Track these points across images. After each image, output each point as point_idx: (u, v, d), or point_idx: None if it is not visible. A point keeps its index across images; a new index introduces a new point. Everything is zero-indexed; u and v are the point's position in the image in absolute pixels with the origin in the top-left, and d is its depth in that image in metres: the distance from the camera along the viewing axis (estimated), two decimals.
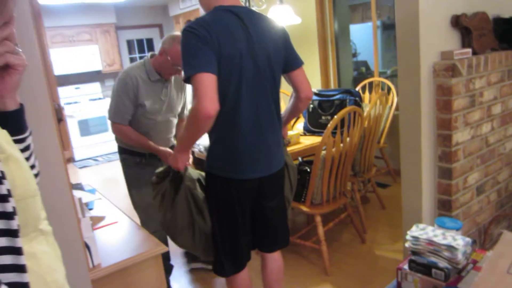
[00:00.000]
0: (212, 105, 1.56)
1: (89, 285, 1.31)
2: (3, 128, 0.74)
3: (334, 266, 2.83)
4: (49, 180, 1.20)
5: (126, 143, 2.48)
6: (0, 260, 0.62)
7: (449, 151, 2.11)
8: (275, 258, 2.08)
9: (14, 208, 0.64)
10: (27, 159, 0.87)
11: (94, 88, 7.80)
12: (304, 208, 2.71)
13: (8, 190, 0.63)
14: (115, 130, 2.40)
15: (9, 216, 0.63)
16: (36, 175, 0.89)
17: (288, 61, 1.87)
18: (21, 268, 0.64)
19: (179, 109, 2.61)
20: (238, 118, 1.73)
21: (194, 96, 1.58)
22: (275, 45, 1.79)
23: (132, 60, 8.51)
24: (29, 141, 0.89)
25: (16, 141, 0.84)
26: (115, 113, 2.35)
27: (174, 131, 2.64)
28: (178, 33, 2.32)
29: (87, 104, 7.24)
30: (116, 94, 2.34)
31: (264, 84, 1.77)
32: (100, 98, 7.61)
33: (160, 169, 1.94)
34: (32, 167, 0.87)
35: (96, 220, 1.89)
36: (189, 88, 2.64)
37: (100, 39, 7.53)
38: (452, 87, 2.01)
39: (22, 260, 0.64)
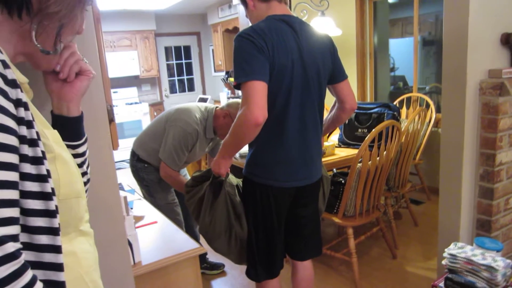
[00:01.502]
0: (261, 112, 1.57)
1: (132, 280, 1.35)
2: (60, 132, 0.77)
3: (363, 279, 2.80)
4: (102, 178, 1.25)
5: (147, 156, 2.61)
6: (43, 258, 0.63)
7: (492, 170, 2.06)
8: (306, 267, 2.07)
9: (56, 207, 0.65)
10: (80, 165, 0.89)
11: (131, 92, 7.99)
12: (336, 220, 2.70)
13: (52, 189, 0.65)
14: (164, 173, 2.52)
15: (51, 214, 0.64)
16: (85, 183, 0.89)
17: (334, 72, 1.88)
18: (58, 267, 0.65)
19: None
20: (284, 127, 1.75)
21: (243, 103, 1.59)
22: (323, 56, 1.81)
23: (169, 66, 8.68)
24: (83, 148, 0.91)
25: (71, 147, 0.87)
26: (172, 160, 2.49)
27: None
28: None
29: (123, 108, 7.42)
30: (177, 144, 2.46)
31: (312, 95, 1.78)
32: (136, 103, 7.79)
33: (197, 173, 1.96)
34: (84, 174, 0.88)
35: (136, 219, 1.94)
36: None
37: (140, 45, 7.73)
38: (498, 105, 1.97)
39: (60, 259, 0.65)
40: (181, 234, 1.81)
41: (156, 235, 1.83)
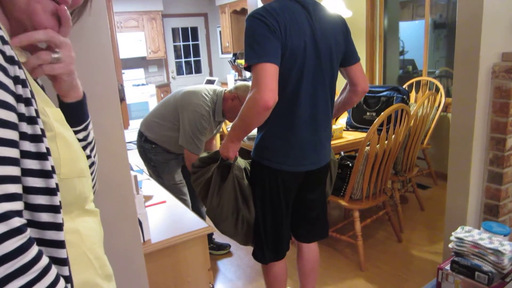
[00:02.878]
0: (272, 96, 1.54)
1: (142, 258, 1.37)
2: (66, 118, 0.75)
3: (368, 262, 2.82)
4: (113, 157, 1.26)
5: (155, 137, 2.63)
6: (44, 235, 0.63)
7: (502, 155, 2.05)
8: (312, 248, 2.09)
9: (57, 184, 0.65)
10: (84, 148, 0.87)
11: (138, 73, 7.99)
12: (343, 203, 2.71)
13: (52, 167, 0.64)
14: (189, 161, 2.53)
15: (52, 192, 0.64)
16: (90, 166, 0.88)
17: (347, 55, 1.85)
18: (60, 244, 0.65)
19: None
20: (296, 111, 1.73)
21: (253, 85, 1.57)
22: (336, 38, 1.78)
23: (176, 48, 8.64)
24: (84, 134, 0.89)
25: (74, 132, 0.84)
26: (195, 146, 2.52)
27: None
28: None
29: (130, 89, 7.43)
30: (195, 129, 2.49)
31: (324, 78, 1.76)
32: (143, 84, 7.80)
33: (205, 154, 1.96)
34: (87, 157, 0.87)
35: (145, 198, 1.95)
36: None
37: (146, 26, 7.70)
38: (511, 89, 1.95)
39: (61, 236, 0.65)
40: (189, 214, 1.83)
41: (165, 214, 1.85)
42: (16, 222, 0.55)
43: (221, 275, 2.82)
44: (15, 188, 0.56)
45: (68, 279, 0.65)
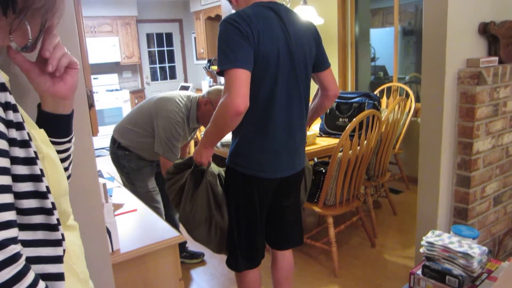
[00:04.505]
0: (243, 101, 1.54)
1: (110, 269, 1.33)
2: (50, 130, 0.78)
3: (343, 268, 2.83)
4: (81, 164, 1.22)
5: (129, 144, 2.59)
6: (41, 252, 0.65)
7: (469, 159, 2.10)
8: (286, 256, 2.08)
9: (53, 204, 0.67)
10: (63, 160, 0.89)
11: (112, 79, 7.88)
12: (316, 209, 2.72)
13: (47, 187, 0.66)
14: (163, 164, 2.51)
15: (49, 211, 0.66)
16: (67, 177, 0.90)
17: (318, 60, 1.87)
18: (58, 259, 0.67)
19: None
20: (270, 117, 1.72)
21: (225, 90, 1.57)
22: (309, 44, 1.79)
23: (150, 53, 8.57)
24: (69, 145, 0.91)
25: (56, 143, 0.86)
26: (171, 153, 2.49)
27: None
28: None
29: (104, 95, 7.32)
30: (170, 135, 2.46)
31: (298, 84, 1.77)
32: (117, 90, 7.69)
33: (179, 160, 1.94)
34: (65, 169, 0.89)
35: (115, 207, 1.91)
36: None
37: (121, 31, 7.61)
38: (476, 95, 2.00)
39: (60, 251, 0.68)
40: (160, 222, 1.80)
41: (136, 223, 1.81)
42: (12, 250, 0.57)
43: (194, 284, 2.79)
44: (9, 215, 0.58)
45: None
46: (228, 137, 1.85)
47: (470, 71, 2.01)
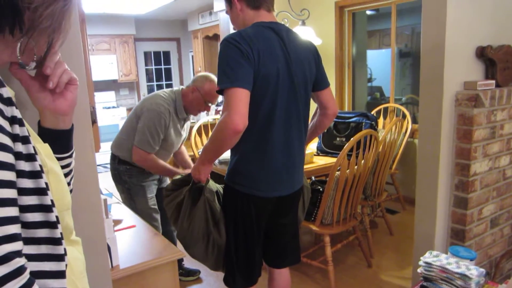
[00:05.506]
0: (242, 120, 1.56)
1: (110, 285, 1.33)
2: (51, 145, 0.78)
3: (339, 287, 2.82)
4: (83, 179, 1.23)
5: (125, 155, 2.57)
6: (45, 267, 0.66)
7: (466, 180, 2.12)
8: (283, 274, 2.07)
9: (57, 217, 0.67)
10: (65, 175, 0.89)
11: (109, 96, 7.90)
12: (313, 227, 2.72)
13: (52, 201, 0.67)
14: (138, 157, 2.48)
15: (53, 225, 0.66)
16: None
17: (318, 80, 1.90)
18: (60, 274, 0.67)
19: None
20: (270, 136, 1.74)
21: (224, 109, 1.58)
22: (309, 64, 1.82)
23: (148, 71, 8.62)
24: (70, 160, 0.92)
25: (60, 159, 0.87)
26: (146, 143, 2.44)
27: None
28: (207, 73, 2.57)
29: (101, 112, 7.32)
30: (152, 125, 2.44)
31: (297, 103, 1.78)
32: (114, 107, 7.70)
33: (178, 177, 1.96)
34: (68, 184, 0.89)
35: (114, 223, 1.90)
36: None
37: (119, 49, 7.66)
38: (473, 117, 2.03)
39: (62, 266, 0.68)
40: (159, 239, 1.79)
41: (134, 239, 1.81)
42: (17, 263, 0.57)
43: None
44: (15, 229, 0.59)
45: None
46: (226, 155, 1.86)
47: (468, 93, 2.05)
